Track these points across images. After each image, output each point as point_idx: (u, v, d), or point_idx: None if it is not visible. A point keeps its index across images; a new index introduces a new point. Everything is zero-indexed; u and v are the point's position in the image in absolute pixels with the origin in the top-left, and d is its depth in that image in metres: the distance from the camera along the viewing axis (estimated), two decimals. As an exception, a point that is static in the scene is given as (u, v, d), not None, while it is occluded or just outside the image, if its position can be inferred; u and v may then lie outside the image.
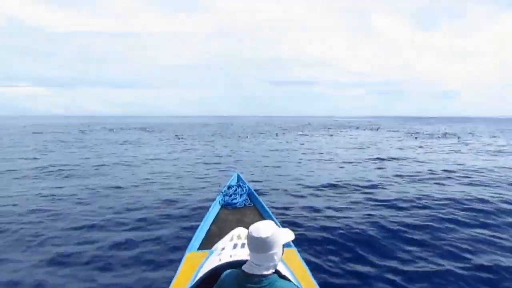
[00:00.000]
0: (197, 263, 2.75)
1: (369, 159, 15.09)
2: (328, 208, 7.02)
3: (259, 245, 1.75)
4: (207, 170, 12.15)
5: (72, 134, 35.73)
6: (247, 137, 31.23)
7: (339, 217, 6.37)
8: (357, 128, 52.08)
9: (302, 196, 8.08)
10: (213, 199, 5.04)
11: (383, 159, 14.88)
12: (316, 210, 6.86)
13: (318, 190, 8.73)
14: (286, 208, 6.98)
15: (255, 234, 1.75)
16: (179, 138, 29.19)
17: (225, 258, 2.36)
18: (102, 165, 13.28)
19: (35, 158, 15.36)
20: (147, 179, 10.35)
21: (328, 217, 6.43)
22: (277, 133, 37.05)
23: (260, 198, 5.01)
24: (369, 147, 21.24)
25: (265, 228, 1.77)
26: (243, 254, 2.34)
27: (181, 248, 4.55)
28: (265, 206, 4.69)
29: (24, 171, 11.86)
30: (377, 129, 47.15)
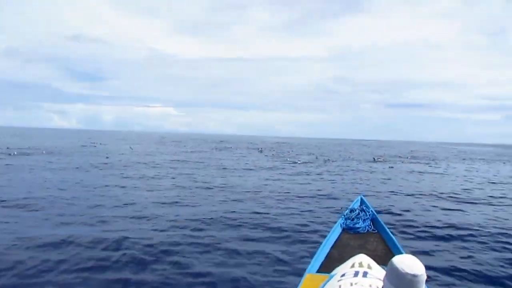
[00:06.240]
0: (315, 285, 2.70)
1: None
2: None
3: (412, 283, 1.53)
4: (332, 189, 12.37)
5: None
6: (375, 160, 29.00)
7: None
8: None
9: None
10: (334, 222, 4.87)
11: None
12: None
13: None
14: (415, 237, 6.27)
15: (408, 271, 1.53)
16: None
17: (346, 285, 2.20)
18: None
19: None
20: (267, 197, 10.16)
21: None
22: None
23: (385, 225, 4.63)
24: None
25: (415, 263, 1.57)
26: (364, 283, 2.17)
27: (299, 269, 4.51)
28: (391, 234, 4.31)
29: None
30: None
